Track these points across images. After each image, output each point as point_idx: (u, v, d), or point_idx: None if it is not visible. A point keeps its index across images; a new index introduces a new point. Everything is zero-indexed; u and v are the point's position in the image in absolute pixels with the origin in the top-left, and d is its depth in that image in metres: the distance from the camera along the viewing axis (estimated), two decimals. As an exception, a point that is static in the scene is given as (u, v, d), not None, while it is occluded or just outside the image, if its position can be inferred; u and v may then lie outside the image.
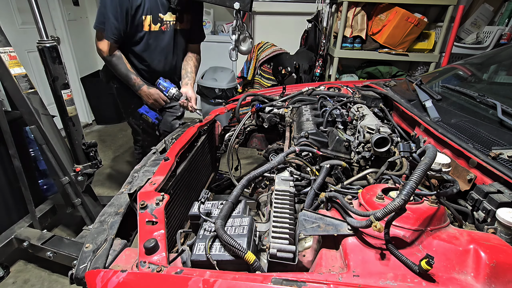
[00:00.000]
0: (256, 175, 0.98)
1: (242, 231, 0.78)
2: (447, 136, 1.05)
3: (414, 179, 0.61)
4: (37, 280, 1.78)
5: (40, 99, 1.66)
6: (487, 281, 0.57)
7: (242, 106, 1.88)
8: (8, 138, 1.60)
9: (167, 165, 1.15)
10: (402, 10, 2.81)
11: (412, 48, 3.08)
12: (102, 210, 1.02)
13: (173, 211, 1.11)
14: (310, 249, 0.83)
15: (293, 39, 3.58)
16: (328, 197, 0.83)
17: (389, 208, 0.60)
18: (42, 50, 1.47)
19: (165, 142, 1.41)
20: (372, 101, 1.63)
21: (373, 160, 1.12)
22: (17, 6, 2.90)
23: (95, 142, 1.79)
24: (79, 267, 0.79)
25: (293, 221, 0.81)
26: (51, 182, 2.17)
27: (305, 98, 1.75)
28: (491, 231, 0.73)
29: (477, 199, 0.84)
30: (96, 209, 1.89)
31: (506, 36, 2.87)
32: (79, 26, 3.77)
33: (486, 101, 1.12)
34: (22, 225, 1.83)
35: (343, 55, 3.14)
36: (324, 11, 3.22)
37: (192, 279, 0.64)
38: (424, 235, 0.67)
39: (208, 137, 1.67)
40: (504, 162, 0.85)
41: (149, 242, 0.76)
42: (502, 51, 1.68)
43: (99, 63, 4.25)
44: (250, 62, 3.49)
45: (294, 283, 0.61)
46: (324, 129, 1.27)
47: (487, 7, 3.03)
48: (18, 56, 1.59)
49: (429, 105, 1.25)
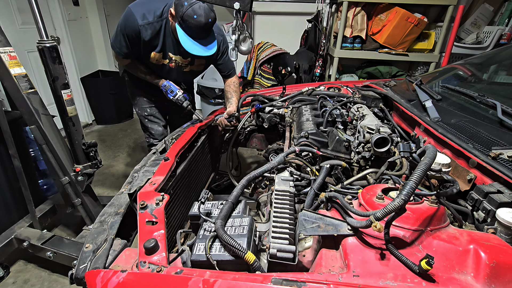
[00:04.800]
0: (256, 175, 0.98)
1: (242, 231, 0.78)
2: (447, 136, 1.05)
3: (414, 179, 0.61)
4: (37, 280, 1.78)
5: (40, 99, 1.66)
6: (487, 281, 0.57)
7: (242, 106, 1.88)
8: (8, 138, 1.60)
9: (167, 165, 1.15)
10: (402, 10, 2.81)
11: (412, 48, 3.08)
12: (102, 210, 1.02)
13: (173, 211, 1.11)
14: (310, 249, 0.83)
15: (293, 39, 3.58)
16: (328, 197, 0.83)
17: (389, 208, 0.60)
18: (42, 50, 1.47)
19: (165, 142, 1.42)
20: (372, 101, 1.63)
21: (373, 160, 1.12)
22: (17, 6, 2.90)
23: (95, 142, 1.79)
24: (79, 267, 0.79)
25: (293, 221, 0.81)
26: (51, 182, 2.17)
27: (305, 98, 1.75)
28: (491, 231, 0.73)
29: (477, 199, 0.84)
30: (96, 209, 1.88)
31: (506, 36, 2.87)
32: (79, 26, 3.77)
33: (486, 101, 1.12)
34: (22, 225, 1.83)
35: (343, 55, 3.14)
36: (324, 11, 3.22)
37: (192, 279, 0.64)
38: (424, 235, 0.67)
39: (208, 137, 1.67)
40: (504, 162, 0.85)
41: (149, 242, 0.76)
42: (502, 51, 1.68)
43: (99, 63, 4.26)
44: (250, 62, 3.49)
45: (294, 283, 0.61)
46: (324, 129, 1.27)
47: (487, 7, 3.03)
48: (18, 56, 1.59)
49: (429, 105, 1.25)
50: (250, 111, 1.74)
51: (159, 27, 1.59)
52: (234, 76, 1.94)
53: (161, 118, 2.05)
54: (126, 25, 1.55)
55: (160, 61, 1.73)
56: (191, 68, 1.86)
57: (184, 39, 1.47)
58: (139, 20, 1.52)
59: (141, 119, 2.05)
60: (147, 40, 1.60)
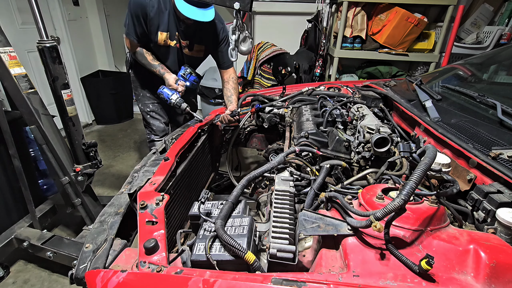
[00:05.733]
0: (256, 175, 0.98)
1: (242, 231, 0.78)
2: (447, 136, 1.05)
3: (414, 179, 0.61)
4: (37, 280, 1.78)
5: (40, 99, 1.66)
6: (487, 281, 0.57)
7: (242, 106, 1.88)
8: (8, 138, 1.60)
9: (167, 165, 1.15)
10: (402, 10, 2.81)
11: (412, 48, 3.08)
12: (102, 210, 1.02)
13: (173, 211, 1.11)
14: (310, 249, 0.83)
15: (293, 39, 3.58)
16: (328, 197, 0.83)
17: (389, 208, 0.60)
18: (42, 50, 1.47)
19: (165, 142, 1.41)
20: (372, 101, 1.63)
21: (373, 160, 1.12)
22: (17, 6, 2.90)
23: (95, 142, 1.79)
24: (79, 267, 0.79)
25: (293, 221, 0.81)
26: (51, 182, 2.17)
27: (305, 98, 1.75)
28: (491, 231, 0.73)
29: (477, 199, 0.84)
30: (96, 209, 1.89)
31: (506, 36, 2.87)
32: (79, 26, 3.77)
33: (486, 101, 1.12)
34: (22, 225, 1.83)
35: (343, 55, 3.14)
36: (324, 11, 3.22)
37: (192, 279, 0.64)
38: (424, 235, 0.67)
39: (208, 137, 1.67)
40: (504, 162, 0.85)
41: (149, 242, 0.76)
42: (502, 51, 1.68)
43: (99, 63, 4.26)
44: (250, 62, 3.49)
45: (294, 283, 0.61)
46: (324, 129, 1.27)
47: (487, 7, 3.03)
48: (18, 56, 1.59)
49: (429, 105, 1.25)
50: (250, 111, 1.74)
51: (164, 4, 1.64)
52: (231, 68, 1.94)
53: (163, 115, 2.07)
54: (135, 1, 1.60)
55: (167, 41, 1.75)
56: (191, 53, 1.87)
57: (181, 2, 1.51)
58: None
59: (143, 114, 2.06)
60: (152, 16, 1.63)
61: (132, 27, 1.67)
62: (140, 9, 1.60)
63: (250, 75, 3.49)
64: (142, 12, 1.61)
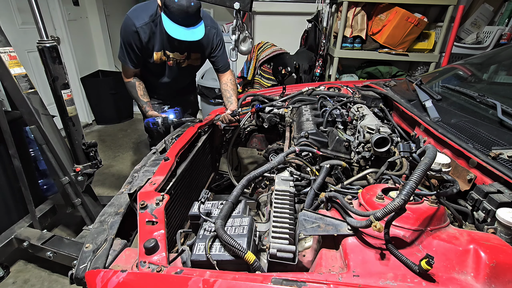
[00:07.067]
0: (256, 175, 0.98)
1: (242, 231, 0.78)
2: (447, 136, 1.05)
3: (414, 179, 0.61)
4: (37, 280, 1.78)
5: (40, 99, 1.66)
6: (487, 281, 0.57)
7: (242, 106, 1.88)
8: (8, 138, 1.60)
9: (167, 165, 1.15)
10: (402, 10, 2.81)
11: (412, 48, 3.08)
12: (102, 210, 1.02)
13: (173, 211, 1.11)
14: (310, 249, 0.83)
15: (293, 39, 3.58)
16: (328, 197, 0.83)
17: (389, 208, 0.60)
18: (42, 50, 1.47)
19: (165, 142, 1.41)
20: (372, 101, 1.63)
21: (373, 160, 1.12)
22: (17, 6, 2.90)
23: (95, 142, 1.79)
24: (79, 267, 0.79)
25: (293, 221, 0.81)
26: (51, 182, 2.17)
27: (305, 98, 1.75)
28: (491, 231, 0.73)
29: (477, 199, 0.84)
30: (96, 209, 1.88)
31: (506, 36, 2.87)
32: (79, 26, 3.77)
33: (486, 101, 1.12)
34: (22, 225, 1.83)
35: (343, 55, 3.14)
36: (324, 11, 3.22)
37: (192, 279, 0.64)
38: (424, 235, 0.66)
39: (208, 137, 1.67)
40: (504, 162, 0.85)
41: (149, 242, 0.76)
42: (502, 51, 1.68)
43: (99, 63, 4.26)
44: (250, 62, 3.49)
45: (294, 283, 0.61)
46: (324, 129, 1.27)
47: (487, 7, 3.03)
48: (18, 56, 1.59)
49: (429, 105, 1.25)
50: (250, 111, 1.74)
51: (155, 25, 1.63)
52: (229, 71, 1.95)
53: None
54: (125, 31, 1.60)
55: (163, 58, 1.77)
56: (189, 62, 1.88)
57: (168, 23, 1.50)
58: (136, 23, 1.57)
59: None
60: (146, 41, 1.63)
61: (127, 55, 1.68)
62: (132, 38, 1.60)
63: (250, 75, 3.49)
64: (134, 40, 1.61)
